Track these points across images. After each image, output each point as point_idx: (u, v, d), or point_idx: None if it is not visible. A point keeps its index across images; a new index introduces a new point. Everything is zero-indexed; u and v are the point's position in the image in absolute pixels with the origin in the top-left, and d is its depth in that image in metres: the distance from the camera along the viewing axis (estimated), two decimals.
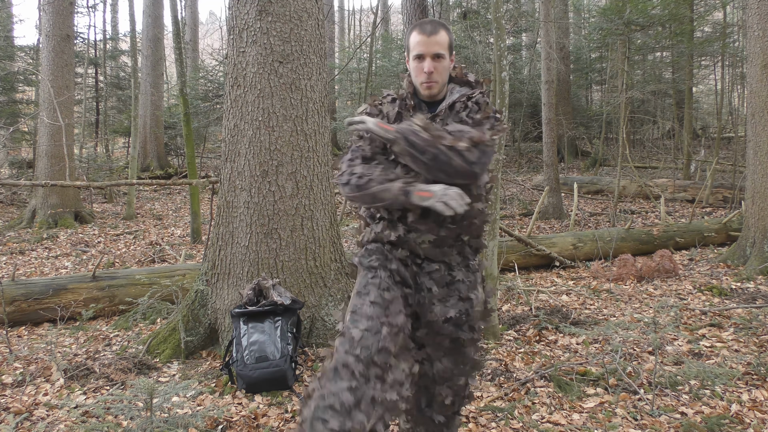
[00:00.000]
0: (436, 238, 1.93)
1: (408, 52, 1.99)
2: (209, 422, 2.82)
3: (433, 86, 1.96)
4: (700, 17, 12.66)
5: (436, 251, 1.96)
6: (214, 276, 3.81)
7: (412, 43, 1.96)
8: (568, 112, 15.00)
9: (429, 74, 1.93)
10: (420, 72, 1.95)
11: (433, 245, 1.95)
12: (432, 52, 1.93)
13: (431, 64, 1.93)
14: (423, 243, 1.94)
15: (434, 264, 1.97)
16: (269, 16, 3.67)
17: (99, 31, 19.08)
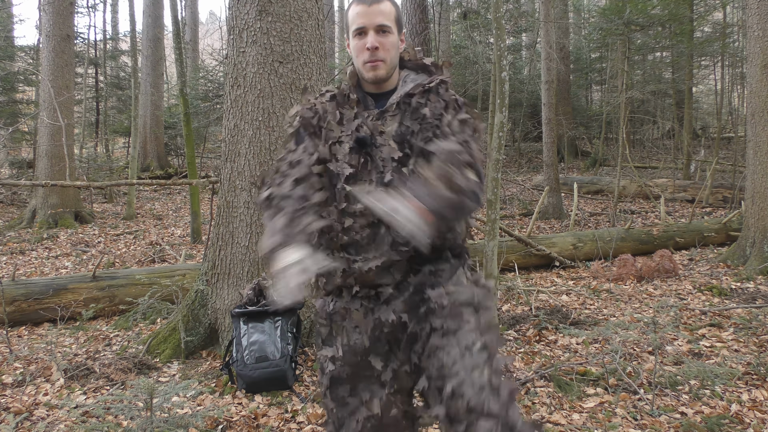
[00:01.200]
0: (385, 262, 1.53)
1: (347, 33, 1.62)
2: (209, 422, 2.82)
3: (379, 65, 1.56)
4: (700, 17, 12.66)
5: (387, 274, 1.56)
6: (214, 276, 3.81)
7: (350, 17, 1.59)
8: (568, 112, 15.00)
9: (373, 50, 1.55)
10: (362, 50, 1.56)
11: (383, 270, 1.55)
12: (375, 23, 1.55)
13: (375, 39, 1.55)
14: (370, 271, 1.54)
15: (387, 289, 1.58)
16: (269, 16, 3.67)
17: (99, 31, 19.10)
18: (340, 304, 1.62)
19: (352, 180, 1.54)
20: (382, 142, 1.55)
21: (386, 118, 1.58)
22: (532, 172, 14.37)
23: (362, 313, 1.60)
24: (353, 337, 1.60)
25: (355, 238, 1.53)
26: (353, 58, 1.62)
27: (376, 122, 1.57)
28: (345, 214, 1.54)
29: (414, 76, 1.64)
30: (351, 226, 1.53)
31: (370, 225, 1.52)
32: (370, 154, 1.55)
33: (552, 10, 10.52)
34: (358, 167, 1.55)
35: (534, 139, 17.41)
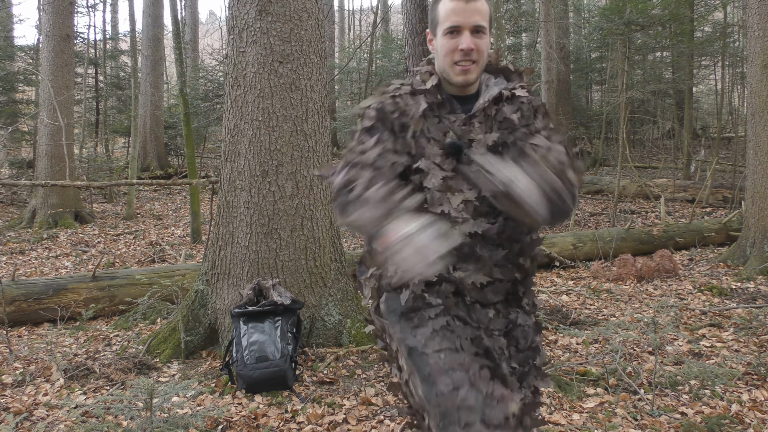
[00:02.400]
0: (490, 282, 1.44)
1: (435, 27, 1.48)
2: (209, 422, 2.82)
3: (471, 69, 1.44)
4: (700, 17, 12.66)
5: (485, 293, 1.46)
6: (214, 276, 3.81)
7: (442, 12, 1.44)
8: (568, 112, 15.00)
9: (468, 52, 1.42)
10: (454, 50, 1.42)
11: (483, 290, 1.45)
12: (471, 23, 1.41)
13: (471, 40, 1.41)
14: (473, 287, 1.44)
15: (486, 309, 1.48)
16: (269, 16, 3.67)
17: (99, 31, 19.09)
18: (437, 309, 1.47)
19: (447, 182, 1.42)
20: (474, 151, 1.43)
21: (474, 124, 1.46)
22: None
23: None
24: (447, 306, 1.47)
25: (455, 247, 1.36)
26: (438, 56, 1.48)
27: (464, 128, 1.45)
28: (443, 217, 1.41)
29: (495, 80, 1.54)
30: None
31: (471, 236, 1.42)
32: (464, 161, 1.42)
33: (552, 10, 10.53)
34: (449, 173, 1.42)
35: None
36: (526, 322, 1.53)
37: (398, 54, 15.76)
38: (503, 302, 1.50)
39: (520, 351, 1.51)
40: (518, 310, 1.52)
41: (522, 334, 1.51)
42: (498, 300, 1.49)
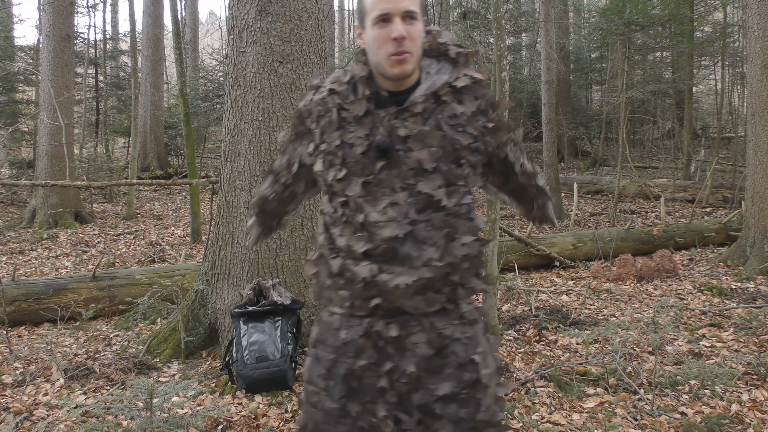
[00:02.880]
0: (415, 282, 1.33)
1: (363, 19, 1.35)
2: (209, 422, 2.82)
3: (406, 59, 1.31)
4: (700, 17, 12.66)
5: (416, 301, 1.35)
6: (214, 276, 3.81)
7: (369, 1, 1.33)
8: (568, 112, 15.00)
9: (400, 41, 1.29)
10: (386, 40, 1.30)
11: (411, 292, 1.34)
12: (401, 8, 1.30)
13: (403, 27, 1.30)
14: (397, 289, 1.33)
15: (413, 323, 1.36)
16: (269, 16, 3.67)
17: (99, 31, 19.10)
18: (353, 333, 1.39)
19: (369, 187, 1.34)
20: (410, 147, 1.33)
21: (407, 119, 1.33)
22: None
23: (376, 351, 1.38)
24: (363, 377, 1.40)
25: (378, 252, 1.34)
26: (371, 50, 1.35)
27: (394, 123, 1.34)
28: (364, 225, 1.35)
29: (437, 66, 1.40)
30: (371, 238, 1.34)
31: (394, 239, 1.33)
32: (392, 161, 1.33)
33: (552, 10, 10.52)
34: (375, 174, 1.33)
35: (534, 139, 17.40)
36: (465, 334, 1.40)
37: None
38: (437, 314, 1.37)
39: (460, 367, 1.38)
40: (456, 321, 1.40)
41: (461, 349, 1.39)
42: (431, 310, 1.36)
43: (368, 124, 1.35)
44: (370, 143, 1.33)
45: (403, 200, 1.33)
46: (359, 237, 1.34)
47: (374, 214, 1.33)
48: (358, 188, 1.34)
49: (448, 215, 1.35)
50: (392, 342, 1.36)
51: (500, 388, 1.48)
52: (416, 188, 1.33)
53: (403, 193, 1.33)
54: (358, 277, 1.34)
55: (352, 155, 1.34)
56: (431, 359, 1.37)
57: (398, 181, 1.33)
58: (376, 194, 1.33)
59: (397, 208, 1.33)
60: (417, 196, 1.33)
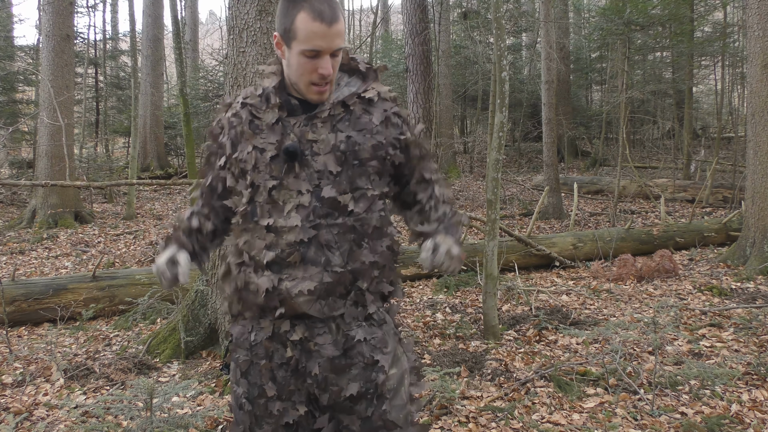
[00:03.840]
0: (317, 287, 1.37)
1: (290, 40, 1.38)
2: (209, 422, 2.82)
3: (326, 91, 1.40)
4: (700, 17, 12.66)
5: (320, 306, 1.39)
6: (214, 276, 3.80)
7: (302, 31, 1.34)
8: (568, 112, 15.00)
9: (326, 76, 1.37)
10: (313, 71, 1.37)
11: (314, 298, 1.38)
12: (333, 47, 1.35)
13: (330, 64, 1.37)
14: (300, 296, 1.37)
15: (319, 325, 1.41)
16: (269, 16, 3.67)
17: (99, 31, 19.10)
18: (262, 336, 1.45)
19: (276, 192, 1.39)
20: (316, 152, 1.39)
21: (316, 125, 1.40)
22: (532, 172, 14.38)
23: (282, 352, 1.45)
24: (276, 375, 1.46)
25: (282, 257, 1.38)
26: (292, 71, 1.40)
27: (303, 128, 1.40)
28: (270, 229, 1.39)
29: (347, 80, 1.48)
30: (276, 243, 1.38)
31: (298, 243, 1.37)
32: (300, 164, 1.38)
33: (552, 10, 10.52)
34: (282, 178, 1.38)
35: (534, 139, 17.41)
36: (372, 335, 1.44)
37: (398, 54, 15.76)
38: (343, 316, 1.42)
39: (366, 367, 1.43)
40: (363, 323, 1.43)
41: (368, 350, 1.43)
42: (337, 314, 1.41)
43: (279, 130, 1.41)
44: (279, 148, 1.39)
45: (308, 203, 1.37)
46: (265, 244, 1.39)
47: (280, 220, 1.37)
48: (266, 194, 1.39)
49: (355, 221, 1.39)
50: (298, 343, 1.41)
51: (414, 388, 1.53)
52: (321, 192, 1.37)
53: (308, 195, 1.37)
54: (261, 288, 1.39)
55: (262, 160, 1.40)
56: (337, 360, 1.41)
57: (305, 184, 1.38)
58: (283, 198, 1.38)
59: (302, 211, 1.37)
60: (322, 200, 1.37)
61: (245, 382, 1.47)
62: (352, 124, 1.41)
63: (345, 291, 1.40)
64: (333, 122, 1.40)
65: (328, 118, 1.40)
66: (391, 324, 1.50)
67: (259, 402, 1.45)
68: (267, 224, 1.38)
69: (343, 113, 1.41)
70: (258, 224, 1.40)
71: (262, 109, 1.44)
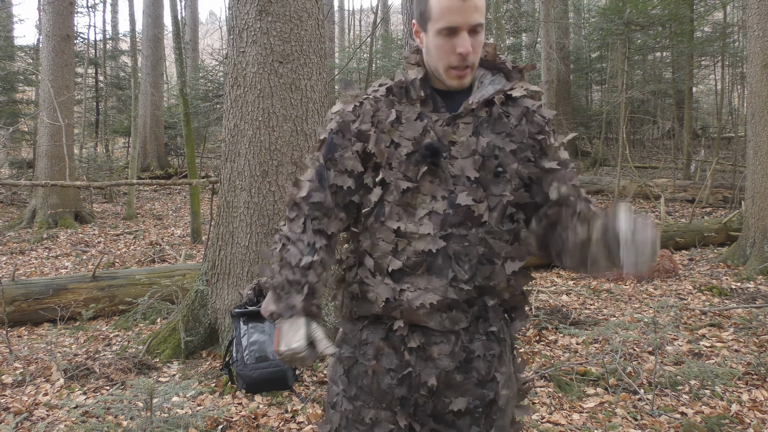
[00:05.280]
0: (440, 301, 1.28)
1: (426, 23, 1.27)
2: (209, 422, 2.82)
3: (467, 75, 1.28)
4: (700, 17, 12.66)
5: (441, 319, 1.30)
6: (214, 276, 3.81)
7: (437, 8, 1.24)
8: (568, 112, 15.00)
9: (465, 56, 1.25)
10: (451, 52, 1.24)
11: (436, 311, 1.29)
12: (470, 22, 1.23)
13: (468, 42, 1.23)
14: (422, 309, 1.28)
15: (437, 334, 1.32)
16: (269, 16, 3.67)
17: (99, 31, 19.10)
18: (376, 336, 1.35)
19: (410, 194, 1.27)
20: (454, 155, 1.28)
21: (458, 125, 1.28)
22: None
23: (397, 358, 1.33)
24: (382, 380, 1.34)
25: (407, 265, 1.28)
26: (431, 56, 1.29)
27: (446, 128, 1.29)
28: (399, 234, 1.28)
29: (491, 77, 1.35)
30: (404, 250, 1.28)
31: (426, 254, 1.27)
32: (436, 166, 1.27)
33: (552, 10, 10.52)
34: (418, 180, 1.27)
35: None
36: (490, 350, 1.34)
37: (398, 54, 15.76)
38: (466, 329, 1.32)
39: (479, 383, 1.33)
40: (483, 336, 1.33)
41: (484, 366, 1.33)
42: (458, 328, 1.31)
43: (420, 126, 1.29)
44: (418, 145, 1.28)
45: (442, 210, 1.27)
46: (391, 249, 1.29)
47: (410, 225, 1.27)
48: (397, 194, 1.28)
49: (487, 233, 1.28)
50: (414, 350, 1.32)
51: (519, 411, 1.42)
52: (456, 199, 1.26)
53: (442, 201, 1.27)
54: (381, 297, 1.30)
55: (397, 156, 1.29)
56: (452, 373, 1.32)
57: (440, 189, 1.27)
58: (416, 201, 1.28)
59: (435, 218, 1.27)
60: (456, 207, 1.27)
61: (345, 379, 1.37)
62: (492, 125, 1.30)
63: (467, 308, 1.30)
64: (476, 123, 1.29)
65: (472, 119, 1.29)
66: (509, 342, 1.40)
67: (355, 404, 1.35)
68: (396, 228, 1.28)
69: (486, 115, 1.30)
70: (385, 226, 1.29)
71: (403, 101, 1.32)
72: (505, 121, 1.31)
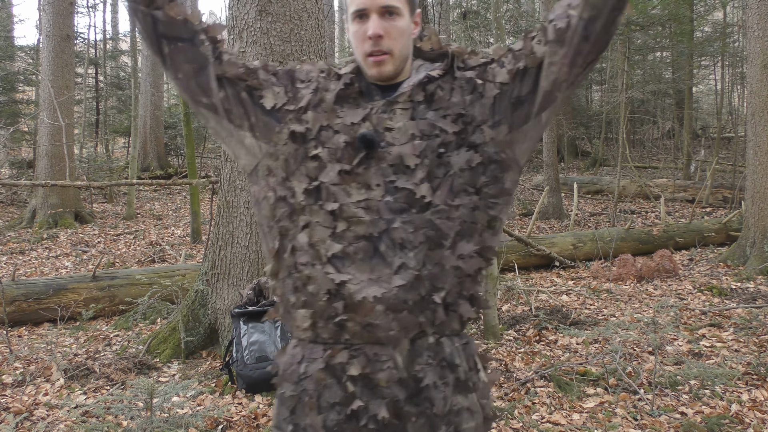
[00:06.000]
0: (386, 294, 1.12)
1: (347, 16, 1.23)
2: (209, 422, 2.82)
3: (384, 60, 1.18)
4: (700, 17, 12.67)
5: (389, 320, 1.13)
6: (214, 276, 3.81)
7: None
8: (568, 112, 15.00)
9: (377, 40, 1.16)
10: (363, 38, 1.18)
11: (383, 308, 1.13)
12: (378, 3, 1.17)
13: (379, 24, 1.16)
14: (365, 302, 1.13)
15: (383, 358, 1.15)
16: (269, 16, 3.67)
17: (99, 31, 19.11)
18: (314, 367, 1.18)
19: (342, 178, 1.17)
20: (391, 142, 1.18)
21: (395, 111, 1.19)
22: (532, 172, 14.38)
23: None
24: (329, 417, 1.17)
25: (348, 251, 1.14)
26: (353, 47, 1.22)
27: (381, 116, 1.19)
28: (336, 217, 1.16)
29: (430, 66, 1.26)
30: (344, 234, 1.15)
31: (367, 238, 1.14)
32: (373, 155, 1.18)
33: None
34: (353, 166, 1.18)
35: None
36: (444, 379, 1.16)
37: None
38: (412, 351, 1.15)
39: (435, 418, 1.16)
40: (433, 362, 1.16)
41: (439, 397, 1.16)
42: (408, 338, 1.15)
43: (358, 114, 1.21)
44: (354, 133, 1.19)
45: (380, 197, 1.15)
46: (329, 233, 1.15)
47: (351, 206, 1.15)
48: (334, 174, 1.17)
49: (433, 214, 1.14)
50: (359, 379, 1.15)
51: None
52: (394, 184, 1.15)
53: (378, 189, 1.15)
54: (321, 289, 1.15)
55: (333, 142, 1.19)
56: (403, 403, 1.15)
57: (377, 177, 1.16)
58: (352, 189, 1.16)
59: (374, 205, 1.15)
60: (395, 193, 1.15)
61: (290, 424, 1.21)
62: (428, 104, 1.19)
63: (416, 307, 1.13)
64: (413, 108, 1.19)
65: (409, 103, 1.19)
66: (466, 366, 1.21)
67: None
68: (332, 210, 1.15)
69: (423, 98, 1.20)
70: (323, 209, 1.16)
71: (342, 89, 1.23)
72: (440, 94, 1.20)
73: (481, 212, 1.17)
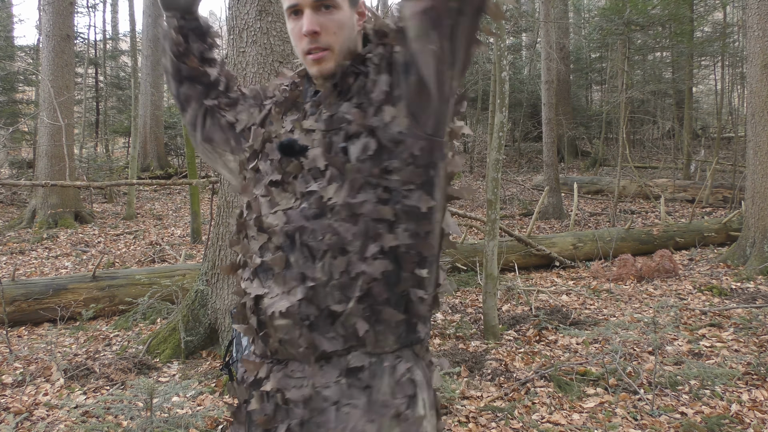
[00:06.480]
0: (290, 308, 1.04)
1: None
2: (209, 422, 2.82)
3: (323, 57, 1.09)
4: (700, 17, 12.67)
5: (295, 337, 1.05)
6: (214, 276, 3.81)
7: None
8: (568, 112, 15.00)
9: (312, 36, 1.08)
10: (299, 36, 1.10)
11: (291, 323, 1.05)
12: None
13: (313, 20, 1.07)
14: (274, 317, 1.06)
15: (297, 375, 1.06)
16: (269, 16, 3.67)
17: (99, 31, 19.12)
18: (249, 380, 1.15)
19: (274, 188, 1.11)
20: (309, 144, 1.09)
21: (321, 111, 1.11)
22: (532, 172, 14.38)
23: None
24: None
25: (269, 263, 1.08)
26: (293, 47, 1.14)
27: (307, 119, 1.13)
28: (261, 229, 1.11)
29: None
30: (267, 246, 1.09)
31: (280, 248, 1.07)
32: (293, 162, 1.10)
33: (552, 10, 10.52)
34: (282, 176, 1.11)
35: (534, 139, 17.41)
36: (349, 400, 1.02)
37: None
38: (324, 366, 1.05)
39: None
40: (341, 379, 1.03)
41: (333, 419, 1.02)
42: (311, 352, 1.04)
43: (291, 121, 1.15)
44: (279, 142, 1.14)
45: (298, 204, 1.07)
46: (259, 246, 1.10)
47: (269, 217, 1.09)
48: (263, 186, 1.13)
49: (333, 216, 1.04)
50: (271, 396, 1.08)
51: None
52: (308, 189, 1.07)
53: (299, 196, 1.08)
54: (247, 304, 1.12)
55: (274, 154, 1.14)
56: (304, 425, 1.04)
57: (300, 185, 1.08)
58: (280, 196, 1.10)
59: (290, 213, 1.08)
60: (309, 198, 1.06)
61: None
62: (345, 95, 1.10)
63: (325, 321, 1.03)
64: (338, 103, 1.11)
65: (335, 98, 1.11)
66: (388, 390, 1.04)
67: None
68: (256, 222, 1.11)
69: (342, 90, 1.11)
70: (249, 221, 1.13)
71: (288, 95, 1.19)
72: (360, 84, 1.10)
73: (390, 206, 1.03)
